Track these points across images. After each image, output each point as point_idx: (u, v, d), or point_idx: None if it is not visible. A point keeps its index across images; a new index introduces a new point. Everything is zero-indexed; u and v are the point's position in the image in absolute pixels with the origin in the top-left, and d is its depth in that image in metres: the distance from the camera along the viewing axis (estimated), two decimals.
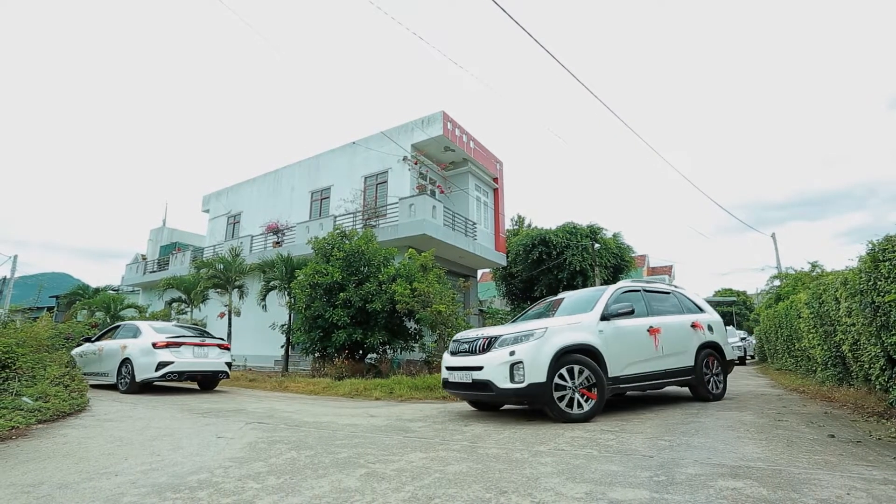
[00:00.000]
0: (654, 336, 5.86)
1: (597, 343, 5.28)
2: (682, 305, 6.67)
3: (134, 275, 24.67)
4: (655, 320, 6.03)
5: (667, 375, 5.96)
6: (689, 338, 6.30)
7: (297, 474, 2.93)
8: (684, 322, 6.38)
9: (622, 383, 5.45)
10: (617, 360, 5.40)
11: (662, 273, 49.14)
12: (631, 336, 5.70)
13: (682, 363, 6.12)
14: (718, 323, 6.88)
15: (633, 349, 5.64)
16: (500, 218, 19.58)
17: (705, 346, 6.43)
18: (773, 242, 25.03)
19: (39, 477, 2.92)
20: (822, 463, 3.10)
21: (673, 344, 6.06)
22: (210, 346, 9.24)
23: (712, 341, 6.56)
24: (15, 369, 6.01)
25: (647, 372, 5.71)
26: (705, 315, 6.78)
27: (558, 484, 2.67)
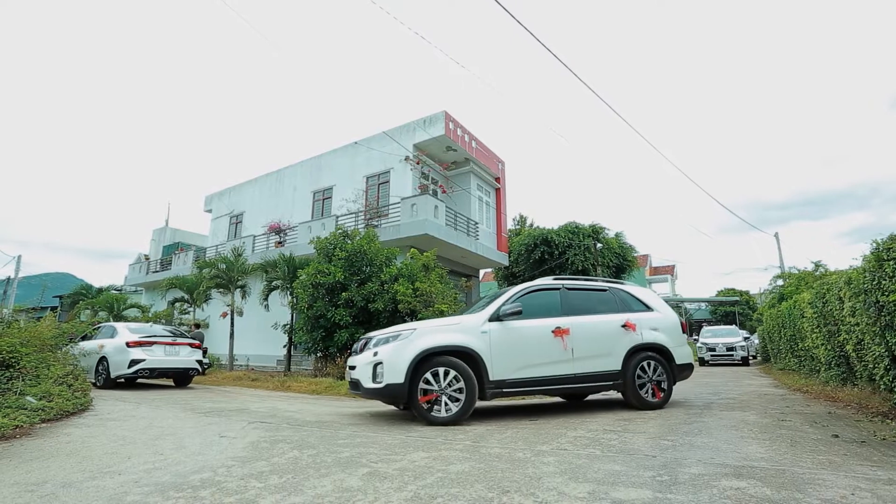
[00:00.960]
0: (562, 337, 5.45)
1: (475, 345, 5.14)
2: (622, 304, 6.03)
3: (137, 275, 24.74)
4: (567, 320, 5.57)
5: (580, 380, 5.48)
6: (616, 339, 5.71)
7: (299, 473, 2.93)
8: (610, 322, 5.78)
9: (510, 387, 5.21)
10: (504, 362, 5.20)
11: (665, 273, 49.06)
12: (526, 338, 5.38)
13: (603, 367, 5.58)
14: (669, 322, 6.13)
15: (528, 352, 5.34)
16: (502, 218, 19.57)
17: (642, 349, 5.77)
18: (776, 242, 24.95)
19: (43, 476, 2.93)
20: (827, 463, 3.09)
21: (590, 346, 5.58)
22: (181, 345, 9.83)
23: (653, 343, 5.82)
24: (19, 369, 6.03)
25: (548, 376, 5.35)
26: (648, 314, 6.04)
27: (561, 483, 2.67)
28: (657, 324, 6.01)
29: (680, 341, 6.08)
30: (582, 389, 5.76)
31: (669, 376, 5.85)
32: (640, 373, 5.71)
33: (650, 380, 5.75)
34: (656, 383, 5.78)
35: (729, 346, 17.71)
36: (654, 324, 5.98)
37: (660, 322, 6.05)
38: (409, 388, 4.87)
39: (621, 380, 5.63)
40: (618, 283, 6.38)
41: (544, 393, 5.81)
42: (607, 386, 5.65)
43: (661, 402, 5.78)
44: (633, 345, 5.73)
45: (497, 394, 5.20)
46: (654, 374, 5.77)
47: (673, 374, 5.89)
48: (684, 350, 6.09)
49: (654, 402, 5.73)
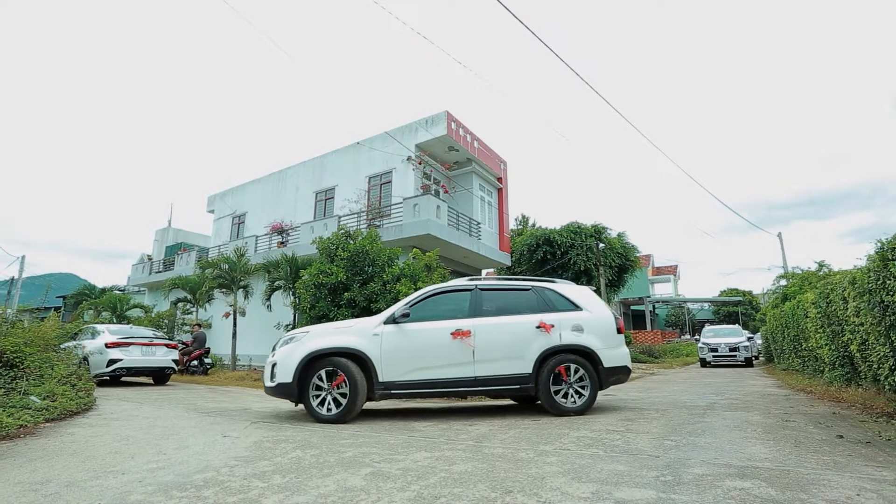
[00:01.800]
0: (462, 339, 5.32)
1: (365, 347, 5.22)
2: (545, 304, 5.67)
3: (140, 275, 24.82)
4: (470, 322, 5.42)
5: (482, 383, 5.31)
6: (528, 341, 5.40)
7: (302, 473, 2.93)
8: (521, 323, 5.49)
9: (400, 389, 5.22)
10: (395, 364, 5.23)
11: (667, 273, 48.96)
12: (422, 340, 5.35)
13: (511, 370, 5.32)
14: (598, 322, 5.63)
15: (422, 354, 5.31)
16: (505, 218, 19.56)
17: (561, 351, 5.40)
18: (780, 242, 24.87)
19: (47, 475, 2.94)
20: (831, 463, 3.08)
21: (496, 348, 5.37)
22: (158, 345, 10.66)
23: (574, 345, 5.42)
24: (23, 368, 6.05)
25: (445, 378, 5.27)
26: (572, 314, 5.62)
27: (564, 483, 2.66)
28: (583, 324, 5.55)
29: (611, 343, 5.58)
30: (486, 392, 5.56)
31: (594, 381, 5.39)
32: (556, 377, 5.36)
33: (569, 384, 5.36)
34: (577, 388, 5.38)
35: (732, 346, 16.96)
36: (578, 324, 5.54)
37: (586, 322, 5.58)
38: (300, 387, 5.14)
39: (532, 383, 5.30)
40: (544, 282, 6.01)
41: (442, 395, 5.72)
42: (516, 390, 5.39)
43: (579, 409, 5.31)
44: (548, 347, 5.38)
45: (386, 395, 5.23)
46: (575, 379, 5.38)
47: (599, 378, 5.42)
48: (616, 352, 5.60)
49: (570, 409, 5.30)
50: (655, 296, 43.63)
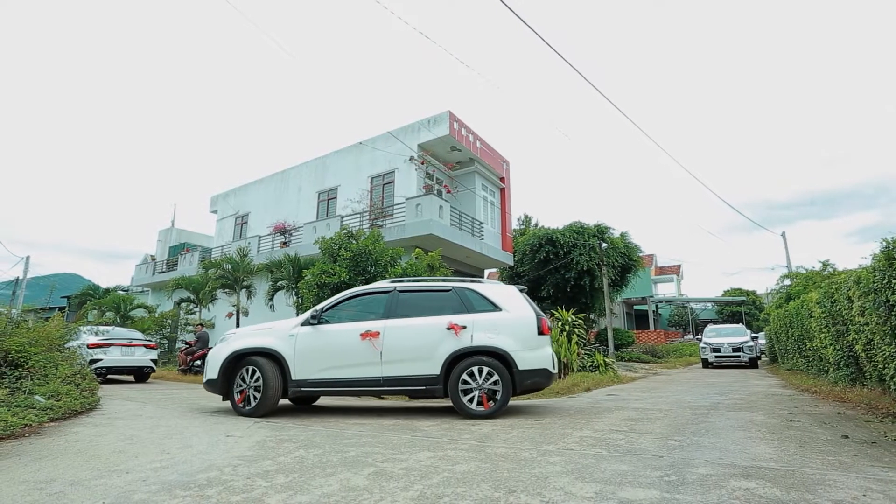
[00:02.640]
0: (371, 341, 5.41)
1: (281, 347, 5.50)
2: (464, 304, 5.60)
3: (143, 275, 24.92)
4: (381, 324, 5.50)
5: (390, 383, 5.37)
6: (436, 342, 5.35)
7: (305, 473, 2.93)
8: (431, 324, 5.46)
9: (311, 387, 5.45)
10: (307, 364, 5.44)
11: (670, 272, 48.81)
12: (333, 341, 5.52)
13: (418, 371, 5.32)
14: (515, 323, 5.46)
15: (332, 354, 5.48)
16: (507, 217, 19.55)
17: (472, 353, 5.29)
18: (783, 241, 24.77)
19: (52, 474, 2.95)
20: (837, 464, 3.06)
21: (403, 349, 5.40)
22: (137, 345, 11.46)
23: (485, 347, 5.27)
24: (28, 368, 6.08)
25: (353, 377, 5.41)
26: (488, 315, 5.50)
27: (567, 483, 2.65)
28: (498, 325, 5.41)
29: (528, 345, 5.36)
30: (393, 392, 5.61)
31: (506, 383, 5.19)
32: (466, 378, 5.23)
33: (479, 387, 5.20)
34: (487, 391, 5.20)
35: (735, 346, 16.36)
36: (494, 325, 5.40)
37: (502, 323, 5.43)
38: (226, 383, 5.61)
39: (440, 385, 5.25)
40: (466, 282, 5.95)
41: (351, 394, 5.87)
42: (423, 391, 5.36)
43: (488, 412, 5.15)
44: (458, 348, 5.28)
45: (299, 393, 5.49)
46: (485, 381, 5.20)
47: (514, 381, 5.22)
48: (534, 354, 5.35)
49: (479, 412, 5.15)
50: (658, 296, 43.53)
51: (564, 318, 11.10)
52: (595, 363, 11.23)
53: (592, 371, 10.89)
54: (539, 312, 5.69)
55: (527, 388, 5.42)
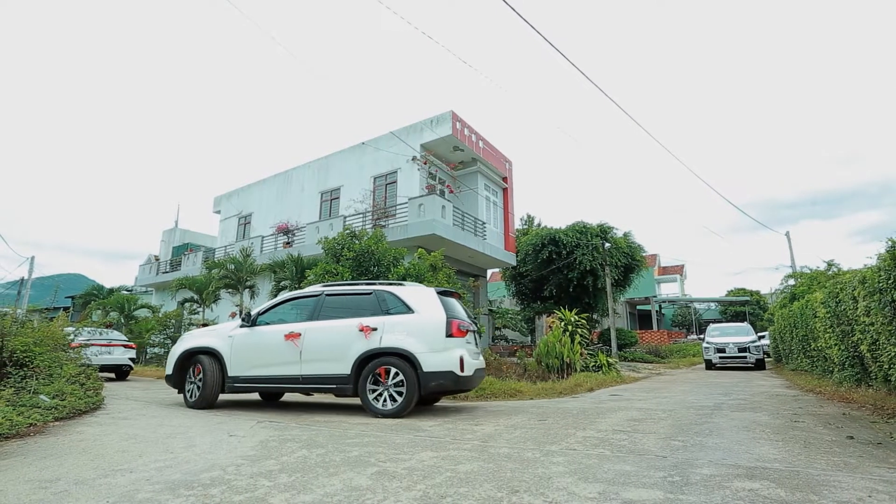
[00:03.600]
0: (293, 341, 5.76)
1: (221, 346, 6.13)
2: (380, 307, 5.77)
3: (147, 275, 25.01)
4: (303, 325, 5.86)
5: (308, 381, 5.71)
6: (348, 343, 5.57)
7: (308, 472, 2.93)
8: (345, 326, 5.69)
9: (244, 383, 5.99)
10: (240, 362, 5.99)
11: (674, 272, 48.64)
12: (262, 341, 5.97)
13: (331, 370, 5.59)
14: (423, 326, 5.53)
15: (259, 354, 5.94)
16: (510, 217, 19.53)
17: (381, 354, 5.45)
18: (788, 241, 24.66)
19: (56, 473, 2.97)
20: (842, 465, 3.04)
21: (320, 349, 5.69)
22: (115, 346, 12.20)
23: (393, 348, 5.41)
24: (33, 368, 6.11)
25: (278, 375, 5.84)
26: (399, 317, 5.62)
27: (571, 483, 2.65)
28: (407, 327, 5.52)
29: (434, 347, 5.41)
30: (311, 390, 6.01)
31: (411, 384, 5.28)
32: (375, 378, 5.43)
33: (385, 387, 5.38)
34: (393, 391, 5.35)
35: (741, 346, 15.31)
36: (403, 327, 5.52)
37: (411, 325, 5.54)
38: (181, 378, 6.37)
39: (351, 384, 5.47)
40: (386, 285, 6.14)
41: (277, 391, 6.36)
42: (335, 389, 5.62)
43: (392, 412, 5.28)
44: (367, 349, 5.48)
45: (234, 388, 6.04)
46: (392, 382, 5.36)
47: (419, 382, 5.28)
48: (438, 357, 5.37)
49: (384, 411, 5.31)
50: (662, 296, 43.39)
51: (567, 318, 11.08)
52: (598, 363, 11.20)
53: (595, 371, 10.86)
54: (455, 315, 5.75)
55: (432, 390, 5.40)
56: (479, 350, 6.28)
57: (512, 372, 10.25)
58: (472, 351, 5.82)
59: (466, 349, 5.62)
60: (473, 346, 5.99)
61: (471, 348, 5.82)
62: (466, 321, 5.93)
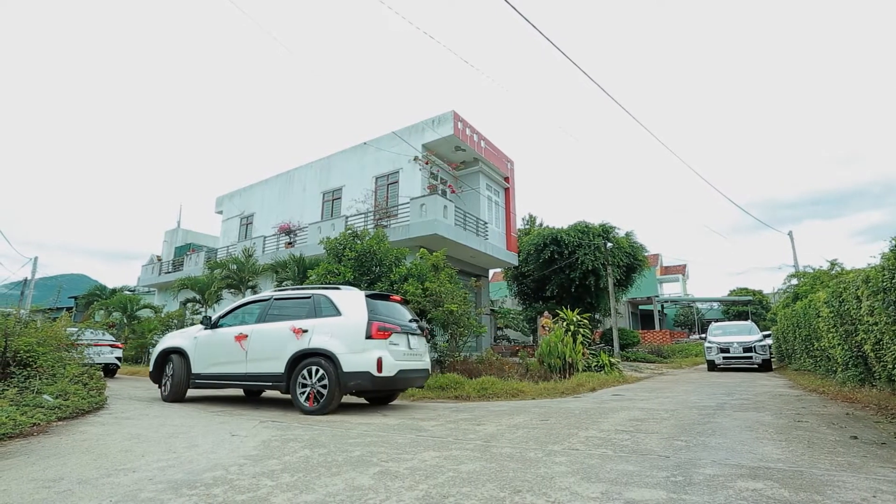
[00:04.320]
0: (241, 342, 6.31)
1: (187, 346, 6.86)
2: (315, 310, 6.11)
3: (149, 275, 25.06)
4: (250, 328, 6.38)
5: (252, 378, 6.21)
6: (283, 344, 5.95)
7: (310, 472, 2.94)
8: (282, 328, 6.08)
9: (204, 379, 6.65)
10: (201, 361, 6.69)
11: (676, 272, 48.56)
12: (216, 342, 6.63)
13: (270, 369, 5.98)
14: (345, 328, 5.79)
15: (215, 353, 6.59)
16: (512, 217, 19.52)
17: (310, 354, 5.75)
18: (790, 241, 24.59)
19: (60, 472, 2.97)
20: (846, 465, 3.03)
21: (261, 350, 6.13)
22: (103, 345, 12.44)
23: (319, 349, 5.70)
24: (36, 367, 6.13)
25: (229, 373, 6.42)
26: (328, 319, 5.93)
27: (573, 483, 2.64)
28: (332, 329, 5.80)
29: (353, 348, 5.67)
30: (255, 387, 6.45)
31: (333, 384, 5.54)
32: (303, 378, 5.72)
33: (312, 385, 5.65)
34: (318, 389, 5.61)
35: (746, 345, 14.30)
36: (329, 329, 5.81)
37: (335, 327, 5.82)
38: (159, 374, 7.12)
39: (285, 382, 5.84)
40: (323, 289, 6.45)
41: (229, 387, 6.64)
42: (272, 386, 6.06)
43: (315, 410, 5.53)
44: (298, 350, 5.81)
45: (196, 384, 6.71)
46: (317, 381, 5.64)
47: (339, 381, 5.54)
48: (357, 358, 5.63)
49: (309, 409, 5.57)
50: (664, 295, 43.31)
51: (569, 317, 11.07)
52: (600, 363, 11.19)
53: (597, 371, 10.85)
54: (380, 318, 5.96)
55: (350, 389, 5.67)
56: (416, 351, 6.44)
57: (514, 372, 10.25)
58: (400, 352, 6.01)
59: (389, 350, 5.81)
60: (405, 347, 6.17)
61: (398, 350, 5.99)
62: (395, 324, 6.11)
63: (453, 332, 10.49)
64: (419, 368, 6.41)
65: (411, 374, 6.19)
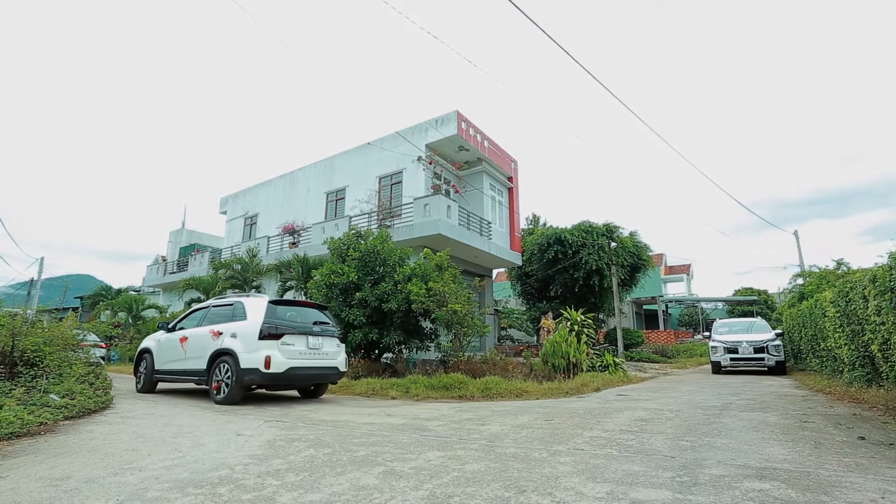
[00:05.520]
0: (182, 344, 7.49)
1: (153, 347, 8.18)
2: (233, 315, 7.11)
3: (154, 276, 25.18)
4: (189, 331, 7.55)
5: (188, 374, 7.34)
6: (205, 345, 7.05)
7: (315, 472, 2.94)
8: (206, 332, 7.19)
9: (162, 374, 7.82)
10: (160, 359, 7.95)
11: (680, 272, 48.37)
12: (169, 343, 7.85)
13: (197, 366, 7.10)
14: (245, 330, 6.72)
15: (168, 352, 7.81)
16: (515, 217, 19.49)
17: (222, 353, 6.74)
18: (796, 240, 24.46)
19: (67, 471, 2.99)
20: (853, 465, 3.01)
21: (194, 349, 7.26)
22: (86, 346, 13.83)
23: (226, 349, 6.67)
24: (43, 367, 6.17)
25: (176, 369, 7.59)
26: (238, 323, 6.89)
27: (578, 483, 2.64)
28: (238, 331, 6.77)
29: (250, 347, 6.52)
30: (192, 381, 7.37)
31: (233, 378, 6.48)
32: (216, 373, 6.74)
33: (220, 380, 6.69)
34: (225, 383, 6.62)
35: (757, 345, 12.35)
36: (235, 331, 6.80)
37: (239, 329, 6.77)
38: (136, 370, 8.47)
39: (206, 376, 6.96)
40: (241, 297, 7.53)
41: (177, 381, 7.74)
42: (198, 380, 7.17)
43: (220, 400, 6.59)
44: (214, 349, 6.88)
45: (157, 379, 7.97)
46: (224, 375, 6.64)
47: (237, 376, 6.44)
48: (252, 356, 6.48)
49: (218, 399, 6.64)
50: (668, 295, 43.11)
51: (574, 317, 11.04)
52: (604, 363, 11.15)
53: (602, 371, 10.81)
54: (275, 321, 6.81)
55: (246, 384, 6.58)
56: (319, 351, 7.11)
57: (518, 372, 10.23)
58: (294, 352, 6.76)
59: (280, 350, 6.60)
60: (302, 347, 6.90)
61: (292, 349, 6.74)
62: (291, 326, 6.91)
63: (457, 332, 10.48)
64: (320, 366, 7.09)
65: (307, 372, 6.92)
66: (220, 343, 6.84)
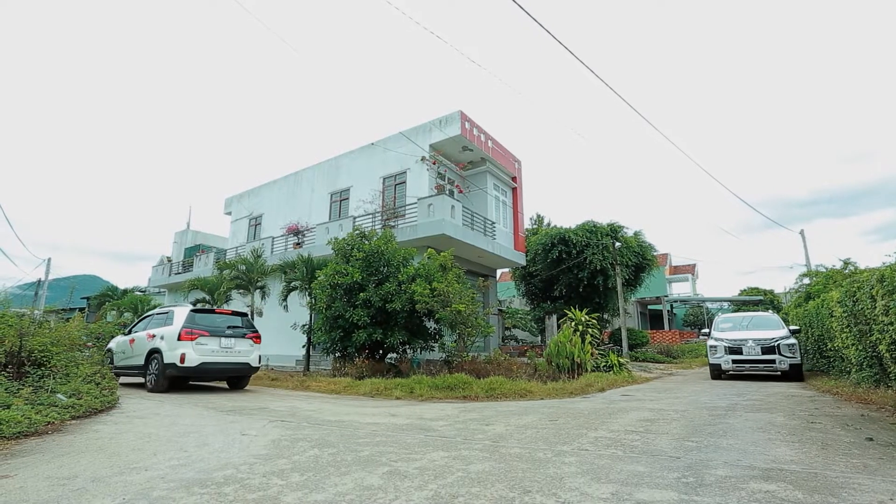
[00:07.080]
0: (131, 344, 9.31)
1: (114, 347, 9.92)
2: (166, 321, 8.84)
3: (160, 276, 25.31)
4: (136, 334, 9.36)
5: (134, 368, 9.04)
6: (145, 345, 8.82)
7: (320, 471, 2.95)
8: (145, 335, 8.99)
9: (119, 369, 9.43)
10: (118, 357, 9.65)
11: (685, 272, 48.12)
12: (124, 344, 9.60)
13: (139, 362, 8.85)
14: (168, 332, 8.43)
15: (122, 351, 9.57)
16: (519, 217, 19.45)
17: (154, 352, 8.53)
18: (802, 240, 24.29)
19: (74, 470, 3.01)
20: (861, 467, 2.98)
21: (138, 349, 9.02)
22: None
23: (156, 347, 8.47)
24: (50, 367, 6.22)
25: (127, 365, 9.29)
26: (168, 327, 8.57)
27: (583, 484, 2.63)
28: (164, 333, 8.52)
29: (171, 346, 8.24)
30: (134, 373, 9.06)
31: (160, 371, 8.24)
32: (150, 368, 8.51)
33: (152, 372, 8.46)
34: (154, 375, 8.37)
35: (766, 344, 10.22)
36: (163, 333, 8.52)
37: (166, 332, 8.50)
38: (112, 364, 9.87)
39: (143, 370, 8.67)
40: (174, 307, 9.25)
41: (131, 376, 9.29)
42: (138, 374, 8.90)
43: (151, 389, 8.39)
44: (149, 348, 8.65)
45: (118, 373, 9.33)
46: (155, 369, 8.42)
47: (163, 369, 8.19)
48: (172, 353, 8.17)
49: (149, 388, 8.44)
50: (673, 295, 42.90)
51: (578, 317, 11.01)
52: (609, 363, 11.12)
53: (606, 371, 10.78)
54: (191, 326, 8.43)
55: (168, 376, 8.22)
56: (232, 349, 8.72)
57: (522, 372, 10.21)
58: (207, 350, 8.39)
59: (194, 348, 8.23)
60: (214, 346, 8.52)
61: (205, 348, 8.38)
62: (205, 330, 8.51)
63: (461, 333, 10.47)
64: (232, 362, 8.72)
65: (220, 366, 8.58)
66: (153, 343, 8.59)
